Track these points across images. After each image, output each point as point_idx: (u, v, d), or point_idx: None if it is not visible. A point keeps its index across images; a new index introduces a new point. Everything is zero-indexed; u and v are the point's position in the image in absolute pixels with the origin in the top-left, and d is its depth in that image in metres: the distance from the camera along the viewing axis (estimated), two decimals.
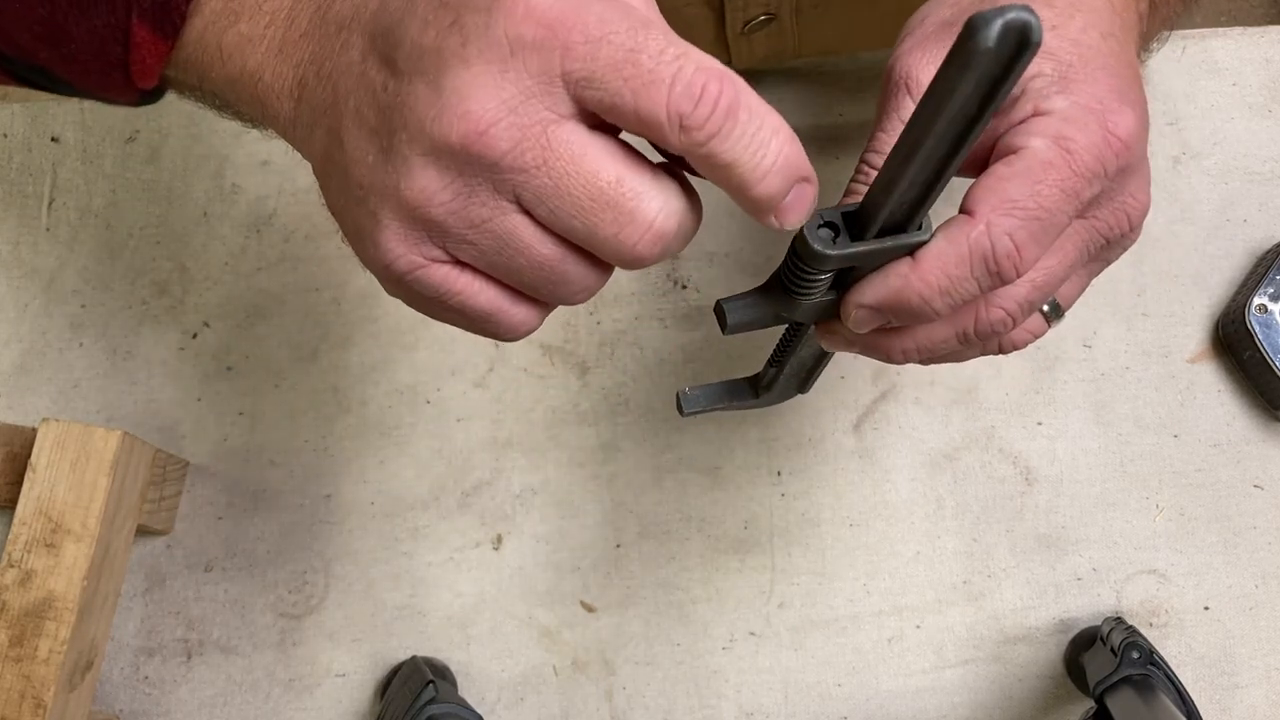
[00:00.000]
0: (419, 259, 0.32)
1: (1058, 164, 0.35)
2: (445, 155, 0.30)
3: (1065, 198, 0.35)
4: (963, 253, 0.35)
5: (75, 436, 0.54)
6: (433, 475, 0.63)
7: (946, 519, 0.63)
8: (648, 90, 0.29)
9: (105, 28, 0.36)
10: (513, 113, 0.30)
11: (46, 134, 0.67)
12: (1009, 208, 0.35)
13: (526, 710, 0.60)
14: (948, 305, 0.36)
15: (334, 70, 0.33)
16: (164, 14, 0.36)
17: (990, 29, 0.25)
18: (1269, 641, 0.61)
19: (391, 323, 0.65)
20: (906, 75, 0.39)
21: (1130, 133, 0.36)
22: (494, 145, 0.30)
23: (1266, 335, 0.61)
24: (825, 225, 0.34)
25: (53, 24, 0.37)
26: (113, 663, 0.60)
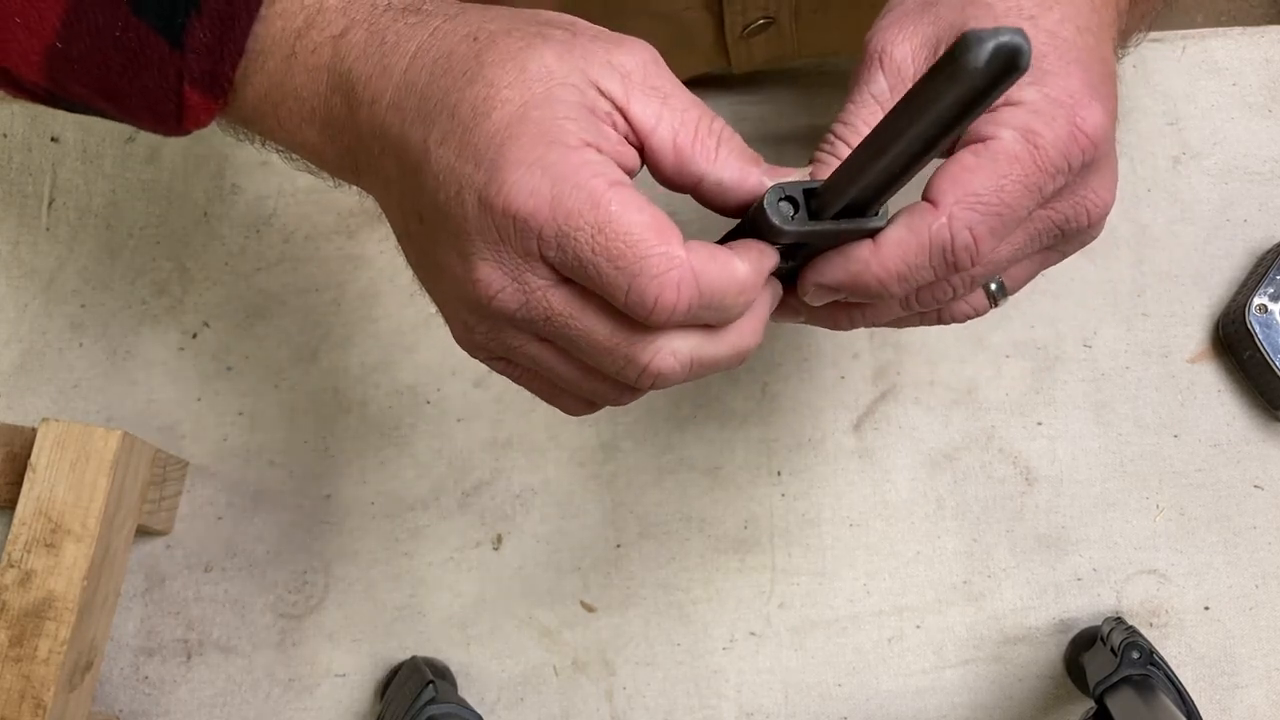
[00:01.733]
0: (482, 356, 0.38)
1: (1023, 158, 0.35)
2: (473, 306, 0.35)
3: (1027, 193, 0.35)
4: (923, 242, 0.35)
5: (75, 436, 0.54)
6: (433, 475, 0.63)
7: (946, 519, 0.63)
8: (610, 289, 0.33)
9: (158, 89, 0.38)
10: (515, 280, 0.34)
11: (46, 134, 0.67)
12: (972, 201, 0.35)
13: (526, 710, 0.60)
14: (903, 289, 0.37)
15: (378, 173, 0.37)
16: (213, 81, 0.38)
17: (982, 49, 0.25)
18: (1269, 641, 0.61)
19: (392, 323, 0.65)
20: (881, 50, 0.39)
21: (1097, 128, 0.36)
22: (505, 306, 0.34)
23: (1266, 335, 0.61)
24: (786, 199, 0.35)
25: (108, 84, 0.39)
26: (113, 663, 0.60)
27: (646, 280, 0.32)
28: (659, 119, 0.35)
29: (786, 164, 0.39)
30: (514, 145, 0.32)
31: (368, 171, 0.38)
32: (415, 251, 0.38)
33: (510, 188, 0.32)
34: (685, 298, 0.33)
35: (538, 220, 0.32)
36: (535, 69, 0.34)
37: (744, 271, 0.34)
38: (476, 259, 0.34)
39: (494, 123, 0.33)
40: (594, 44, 0.35)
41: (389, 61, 0.36)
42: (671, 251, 0.33)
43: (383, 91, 0.35)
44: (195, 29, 0.37)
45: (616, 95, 0.35)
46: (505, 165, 0.32)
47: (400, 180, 0.36)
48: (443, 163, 0.33)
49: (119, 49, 0.37)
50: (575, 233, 0.32)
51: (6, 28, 0.38)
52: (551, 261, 0.33)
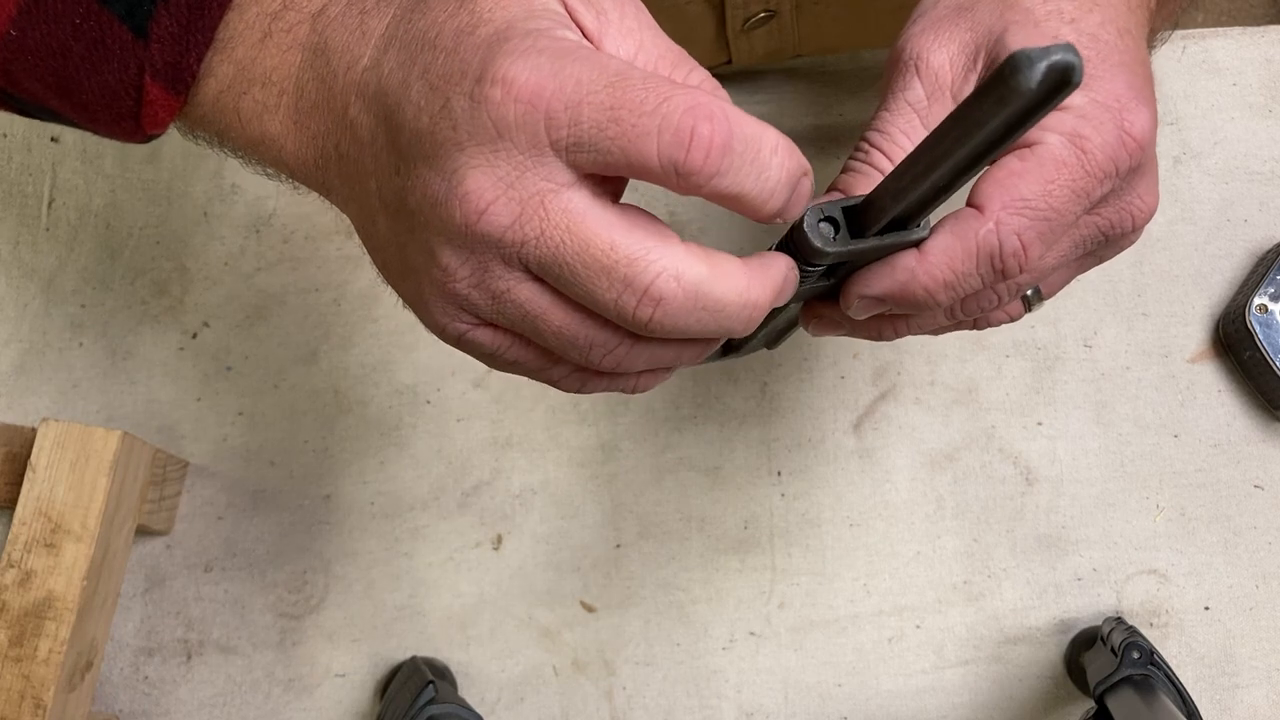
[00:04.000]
0: (463, 325, 0.34)
1: (1071, 164, 0.35)
2: (456, 236, 0.31)
3: (1076, 198, 0.35)
4: (970, 249, 0.35)
5: (75, 436, 0.54)
6: (433, 475, 0.63)
7: (946, 519, 0.63)
8: (636, 145, 0.29)
9: (118, 83, 0.36)
10: (510, 188, 0.30)
11: (46, 134, 0.67)
12: (1020, 206, 0.34)
13: (526, 710, 0.60)
14: (950, 298, 0.36)
15: (349, 150, 0.35)
16: (176, 74, 0.36)
17: (1034, 71, 0.24)
18: (1269, 641, 0.61)
19: (392, 324, 0.65)
20: (916, 56, 0.38)
21: (1144, 132, 0.36)
22: (495, 222, 0.31)
23: (1267, 335, 0.61)
24: (825, 220, 0.34)
25: (64, 76, 0.37)
26: (113, 663, 0.60)
27: (679, 115, 0.29)
28: (632, 59, 0.33)
29: None
30: (504, 44, 0.30)
31: (334, 158, 0.36)
32: (387, 216, 0.35)
33: (508, 71, 0.30)
34: (721, 131, 0.29)
35: (543, 96, 0.29)
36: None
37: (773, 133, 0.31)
38: (464, 170, 0.30)
39: (479, 36, 0.31)
40: None
41: (368, 25, 0.35)
42: (693, 91, 0.30)
43: (360, 56, 0.34)
44: (161, 17, 0.35)
45: (590, 30, 0.33)
46: (498, 58, 0.30)
47: (375, 137, 0.33)
48: (424, 86, 0.31)
49: (78, 38, 0.36)
50: (588, 97, 0.29)
51: None
52: (562, 143, 0.30)
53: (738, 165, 0.30)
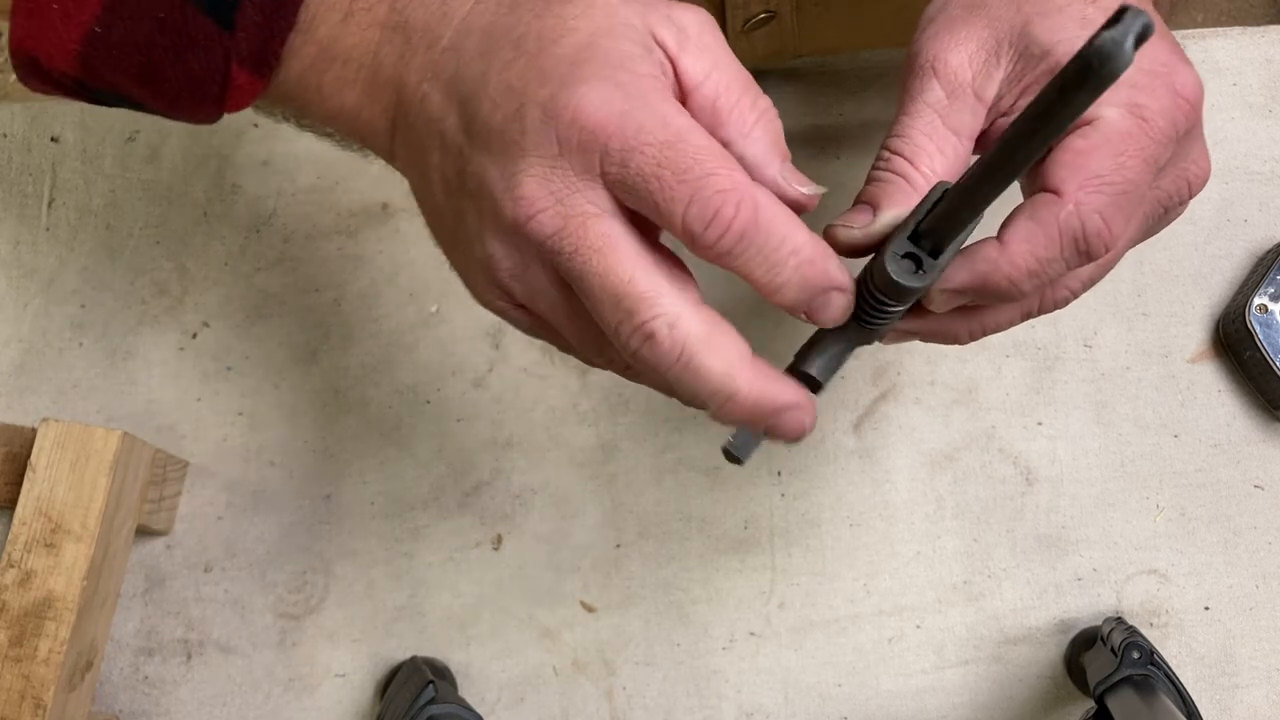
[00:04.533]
0: (501, 304, 0.37)
1: (1136, 133, 0.34)
2: (505, 230, 0.34)
3: (1147, 167, 0.34)
4: (1053, 234, 0.34)
5: (75, 436, 0.54)
6: (433, 475, 0.63)
7: (946, 519, 0.63)
8: (668, 206, 0.32)
9: (203, 71, 0.37)
10: (559, 202, 0.33)
11: (46, 134, 0.67)
12: (1097, 184, 0.34)
13: (526, 710, 0.60)
14: (1035, 286, 0.35)
15: (417, 122, 0.36)
16: (261, 58, 0.37)
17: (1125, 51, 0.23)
18: (1269, 641, 0.61)
19: (392, 323, 0.65)
20: (933, 59, 0.38)
21: (1195, 92, 0.35)
22: (541, 228, 0.33)
23: (1267, 335, 0.61)
24: (906, 256, 0.33)
25: (148, 67, 0.38)
26: (113, 663, 0.60)
27: (711, 193, 0.31)
28: (706, 77, 0.35)
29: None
30: (585, 65, 0.32)
31: (404, 126, 0.37)
32: (445, 191, 0.37)
33: (582, 99, 0.32)
34: (743, 219, 0.32)
35: (606, 132, 0.32)
36: (602, 5, 0.34)
37: (805, 239, 0.33)
38: (523, 175, 0.33)
39: (563, 47, 0.33)
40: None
41: (450, 8, 0.36)
42: (736, 174, 0.32)
43: (440, 36, 0.36)
44: (246, 7, 0.36)
45: (670, 46, 0.35)
46: (577, 80, 0.32)
47: (446, 115, 0.35)
48: (502, 85, 0.33)
49: (163, 31, 0.37)
50: (643, 146, 0.32)
51: (43, 16, 0.37)
52: (611, 178, 0.32)
53: (750, 253, 0.32)
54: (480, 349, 0.64)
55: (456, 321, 0.65)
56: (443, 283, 0.65)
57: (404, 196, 0.66)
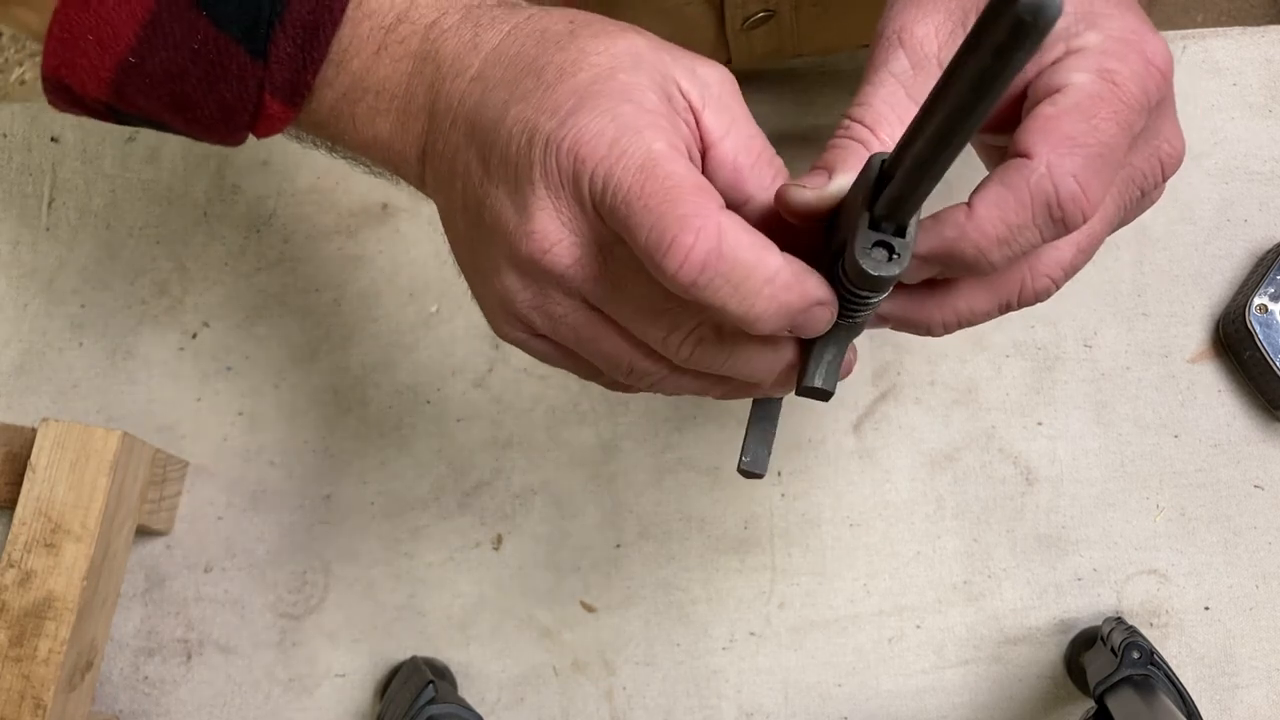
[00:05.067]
0: (520, 335, 0.37)
1: (1108, 96, 0.33)
2: (522, 265, 0.34)
3: (1121, 130, 0.33)
4: (1023, 198, 0.32)
5: (75, 436, 0.54)
6: (433, 475, 0.63)
7: (946, 519, 0.63)
8: (631, 232, 0.31)
9: (236, 100, 0.38)
10: (572, 233, 0.33)
11: (46, 134, 0.67)
12: (1070, 145, 0.32)
13: (526, 710, 0.60)
14: (1005, 256, 0.33)
15: (445, 150, 0.37)
16: (294, 89, 0.38)
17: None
18: (1269, 641, 0.61)
19: (392, 323, 0.65)
20: (900, 29, 0.38)
21: (1166, 60, 0.35)
22: (557, 261, 0.33)
23: (1267, 335, 0.61)
24: (877, 245, 0.31)
25: (181, 95, 0.38)
26: (113, 663, 0.60)
27: (670, 220, 0.31)
28: (726, 133, 0.35)
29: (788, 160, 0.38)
30: (594, 98, 0.33)
31: (433, 153, 0.37)
32: (467, 222, 0.37)
33: (579, 130, 0.32)
34: (702, 248, 0.30)
35: (594, 159, 0.32)
36: (626, 45, 0.34)
37: (778, 265, 0.32)
38: (535, 209, 0.33)
39: (578, 81, 0.33)
40: (682, 52, 0.36)
41: (481, 39, 0.36)
42: (703, 202, 0.31)
43: (469, 65, 0.36)
44: (279, 39, 0.37)
45: (694, 99, 0.35)
46: (580, 112, 0.32)
47: (467, 147, 0.36)
48: (520, 116, 0.33)
49: (196, 61, 0.37)
50: (621, 172, 0.31)
51: (77, 46, 0.37)
52: (595, 205, 0.32)
53: (718, 284, 0.31)
54: (480, 349, 0.64)
55: (456, 321, 0.65)
56: (443, 283, 0.65)
57: (404, 196, 0.66)
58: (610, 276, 0.34)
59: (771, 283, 0.31)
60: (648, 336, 0.34)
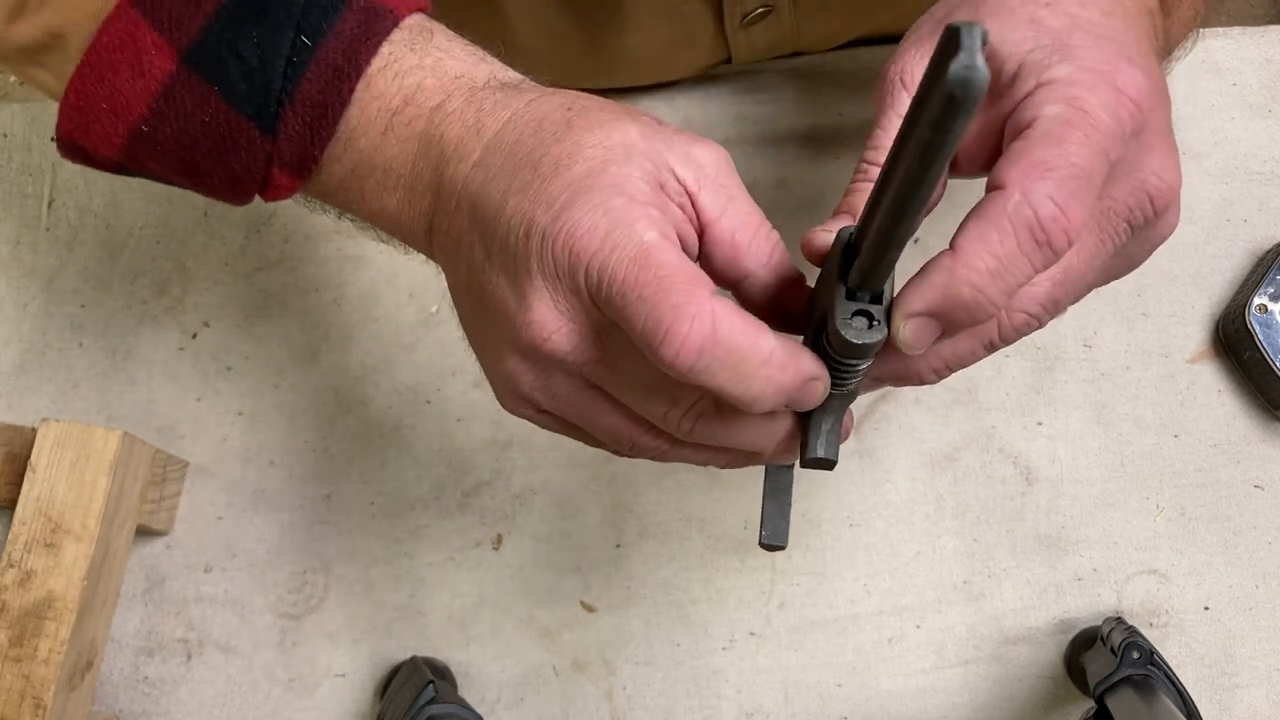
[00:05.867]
0: (525, 411, 0.39)
1: (1076, 122, 0.33)
2: (524, 350, 0.36)
3: (1095, 154, 0.33)
4: (1004, 226, 0.32)
5: (75, 436, 0.54)
6: (433, 475, 0.63)
7: (946, 519, 0.63)
8: (628, 321, 0.33)
9: (244, 171, 0.39)
10: (571, 320, 0.34)
11: (46, 134, 0.67)
12: (1042, 170, 0.32)
13: (526, 710, 0.60)
14: (1002, 290, 0.32)
15: (450, 230, 0.38)
16: (301, 163, 0.39)
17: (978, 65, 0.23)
18: (1269, 641, 0.61)
19: (392, 323, 0.65)
20: (902, 72, 0.39)
21: (1140, 90, 0.34)
22: (558, 347, 0.35)
23: (1267, 335, 0.61)
24: (856, 315, 0.32)
25: (191, 163, 0.39)
26: (113, 663, 0.60)
27: (664, 309, 0.32)
28: (723, 212, 0.36)
29: (789, 160, 0.39)
30: (586, 192, 0.34)
31: (439, 231, 0.39)
32: (472, 303, 0.38)
33: (573, 224, 0.33)
34: (697, 336, 0.31)
35: (588, 253, 0.33)
36: (620, 137, 0.35)
37: (771, 346, 0.32)
38: (534, 299, 0.34)
39: (573, 174, 0.34)
40: (676, 135, 0.37)
41: (484, 124, 0.37)
42: (695, 290, 0.32)
43: (471, 151, 0.37)
44: (289, 117, 0.38)
45: (689, 183, 0.36)
46: (574, 206, 0.33)
47: (470, 231, 0.37)
48: (518, 208, 0.35)
49: (207, 133, 0.38)
50: (615, 264, 0.33)
51: (91, 113, 0.38)
52: (592, 296, 0.33)
53: (714, 368, 0.32)
54: None
55: (456, 322, 0.65)
56: (442, 283, 0.65)
57: None
58: (609, 359, 0.35)
59: (767, 364, 0.32)
60: (648, 413, 0.36)
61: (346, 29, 0.38)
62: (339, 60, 0.38)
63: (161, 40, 0.37)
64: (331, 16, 0.38)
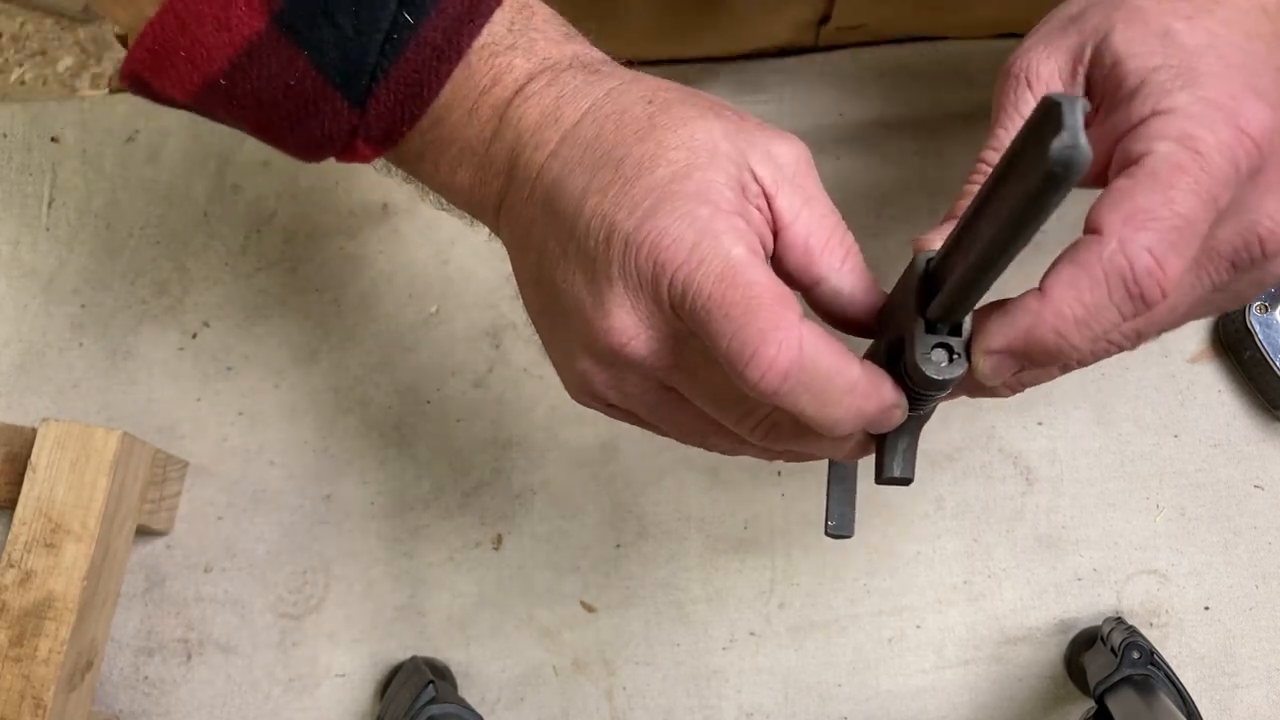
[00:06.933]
0: (594, 405, 0.38)
1: (1188, 166, 0.31)
2: (601, 353, 0.35)
3: (1202, 202, 0.31)
4: (1097, 275, 0.31)
5: (75, 436, 0.54)
6: (433, 475, 0.63)
7: (946, 519, 0.63)
8: (712, 339, 0.32)
9: (324, 137, 0.38)
10: (650, 328, 0.34)
11: (46, 134, 0.67)
12: (1143, 219, 0.31)
13: (526, 710, 0.60)
14: (1088, 339, 0.31)
15: (521, 215, 0.38)
16: (387, 137, 0.38)
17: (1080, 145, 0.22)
18: (1269, 641, 0.61)
19: (392, 323, 0.65)
20: (1026, 68, 0.37)
21: (1263, 129, 0.32)
22: (635, 353, 0.34)
23: (1266, 335, 0.61)
24: (936, 347, 0.32)
25: (268, 123, 0.38)
26: (113, 663, 0.60)
27: (751, 332, 0.31)
28: (798, 215, 0.36)
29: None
30: (671, 199, 0.33)
31: (509, 212, 0.38)
32: (542, 297, 0.38)
33: (659, 233, 0.33)
34: (784, 360, 0.31)
35: (674, 264, 0.32)
36: (703, 138, 0.35)
37: (857, 375, 0.32)
38: (613, 305, 0.34)
39: (657, 178, 0.34)
40: (758, 131, 0.36)
41: (562, 113, 0.37)
42: (784, 313, 0.32)
43: (549, 140, 0.36)
44: (381, 93, 0.37)
45: (766, 183, 0.35)
46: (659, 213, 0.33)
47: (544, 223, 0.36)
48: (598, 210, 0.34)
49: (289, 96, 0.37)
50: (701, 279, 0.32)
51: (166, 57, 0.36)
52: (674, 307, 0.33)
53: (798, 392, 0.32)
54: (480, 349, 0.64)
55: (456, 321, 0.65)
56: (443, 283, 0.65)
57: (404, 197, 0.66)
58: (686, 365, 0.35)
59: (851, 392, 0.32)
60: (721, 419, 0.36)
61: (450, 7, 0.36)
62: (439, 40, 0.36)
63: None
64: None
